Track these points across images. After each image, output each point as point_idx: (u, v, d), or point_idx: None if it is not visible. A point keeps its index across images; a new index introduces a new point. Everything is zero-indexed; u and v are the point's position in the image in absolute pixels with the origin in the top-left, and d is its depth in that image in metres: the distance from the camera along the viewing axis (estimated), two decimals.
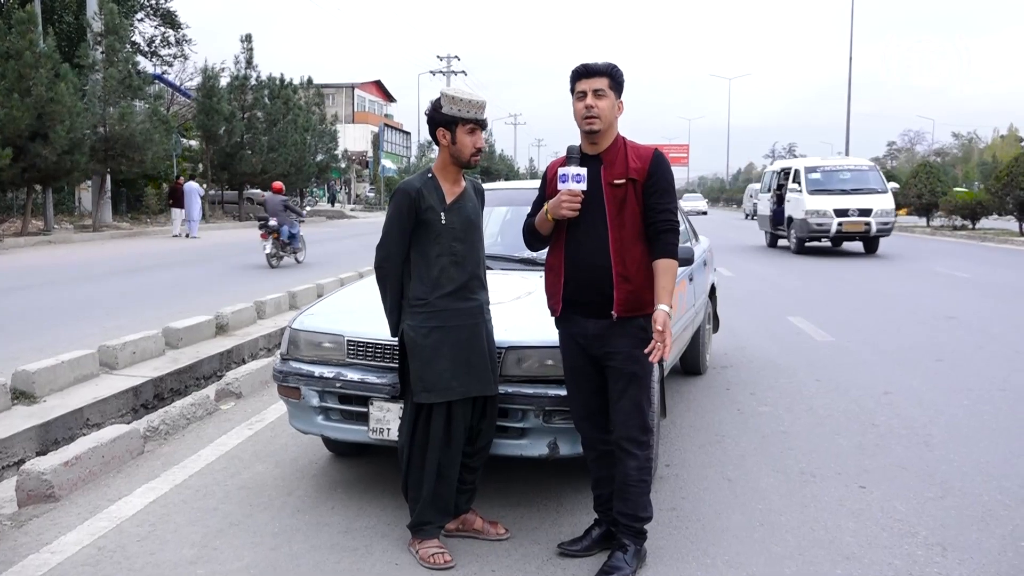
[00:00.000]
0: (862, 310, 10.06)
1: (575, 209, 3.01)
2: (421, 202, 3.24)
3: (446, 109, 3.23)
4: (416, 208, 3.24)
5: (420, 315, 3.25)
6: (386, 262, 3.29)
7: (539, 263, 4.66)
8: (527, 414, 3.50)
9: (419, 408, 3.25)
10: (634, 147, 3.13)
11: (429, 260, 3.26)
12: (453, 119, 3.23)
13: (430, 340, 3.22)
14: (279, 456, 4.49)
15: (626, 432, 3.08)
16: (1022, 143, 71.88)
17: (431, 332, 3.23)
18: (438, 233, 3.25)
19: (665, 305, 2.94)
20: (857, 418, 5.22)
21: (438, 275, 3.25)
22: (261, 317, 8.99)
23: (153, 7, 34.63)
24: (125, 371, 6.45)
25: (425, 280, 3.26)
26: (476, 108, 3.22)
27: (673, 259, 3.03)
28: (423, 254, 3.27)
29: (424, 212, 3.24)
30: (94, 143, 21.55)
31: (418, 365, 3.22)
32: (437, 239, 3.25)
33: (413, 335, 3.24)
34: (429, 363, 3.21)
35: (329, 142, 39.51)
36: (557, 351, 3.43)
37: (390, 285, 3.30)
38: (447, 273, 3.26)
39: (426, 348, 3.22)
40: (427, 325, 3.23)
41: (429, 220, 3.24)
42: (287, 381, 3.83)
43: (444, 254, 3.25)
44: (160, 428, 4.82)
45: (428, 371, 3.21)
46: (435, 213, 3.25)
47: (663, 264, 3.01)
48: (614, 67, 3.08)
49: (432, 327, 3.23)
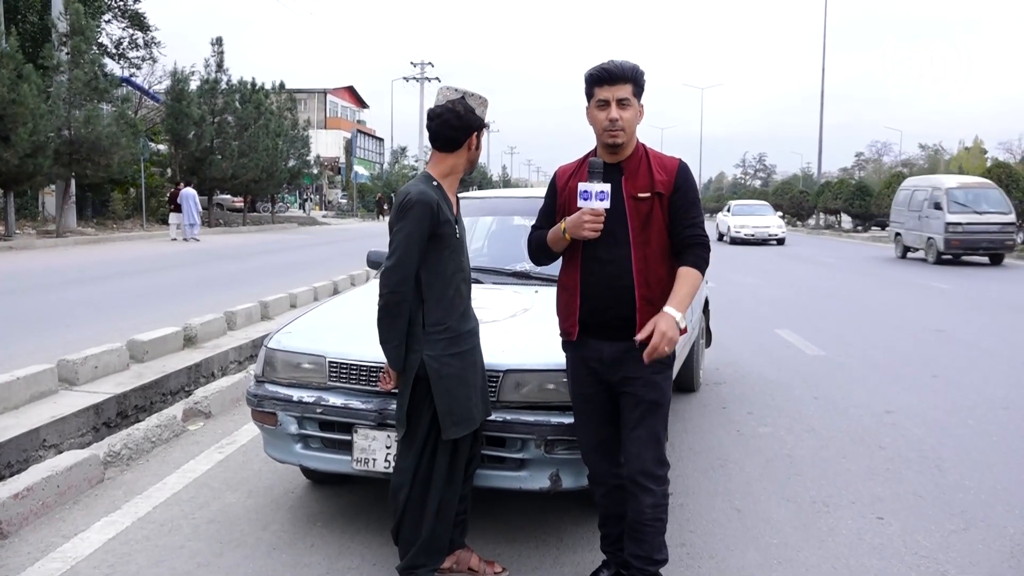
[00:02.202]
0: (849, 322, 9.90)
1: (598, 230, 2.71)
2: (439, 214, 2.90)
3: (479, 112, 2.97)
4: (434, 221, 2.89)
5: (440, 342, 2.90)
6: (402, 286, 2.85)
7: (533, 276, 4.41)
8: (527, 444, 3.20)
9: (425, 442, 2.94)
10: (657, 157, 2.85)
11: (446, 279, 2.94)
12: (482, 124, 2.98)
13: (454, 369, 2.92)
14: (252, 484, 4.15)
15: (640, 466, 2.79)
16: (986, 154, 73.16)
17: (454, 360, 2.92)
18: (453, 248, 2.95)
19: (675, 310, 2.65)
20: (862, 440, 4.99)
21: (454, 295, 2.95)
22: (232, 328, 8.61)
23: (121, 8, 33.94)
24: (86, 387, 6.06)
25: (443, 301, 2.93)
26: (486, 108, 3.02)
27: (699, 271, 2.76)
28: (439, 273, 2.93)
29: (442, 226, 2.90)
30: (58, 146, 20.88)
31: (447, 399, 2.89)
32: (452, 255, 2.95)
33: (437, 366, 2.89)
34: (456, 394, 2.91)
35: (301, 148, 38.94)
36: (559, 375, 3.16)
37: (403, 311, 2.88)
38: (460, 292, 2.98)
39: (452, 379, 2.90)
40: (449, 352, 2.92)
41: (445, 234, 2.91)
42: (262, 406, 3.50)
43: (458, 271, 2.97)
44: (122, 453, 4.46)
45: (457, 403, 2.91)
46: (451, 226, 2.94)
47: (687, 271, 2.74)
48: (638, 70, 2.78)
49: (454, 354, 2.92)
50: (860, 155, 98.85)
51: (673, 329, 2.63)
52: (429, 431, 2.92)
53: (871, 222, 38.61)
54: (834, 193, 40.28)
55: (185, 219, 23.69)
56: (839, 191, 39.97)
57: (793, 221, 48.82)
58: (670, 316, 2.65)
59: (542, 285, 4.25)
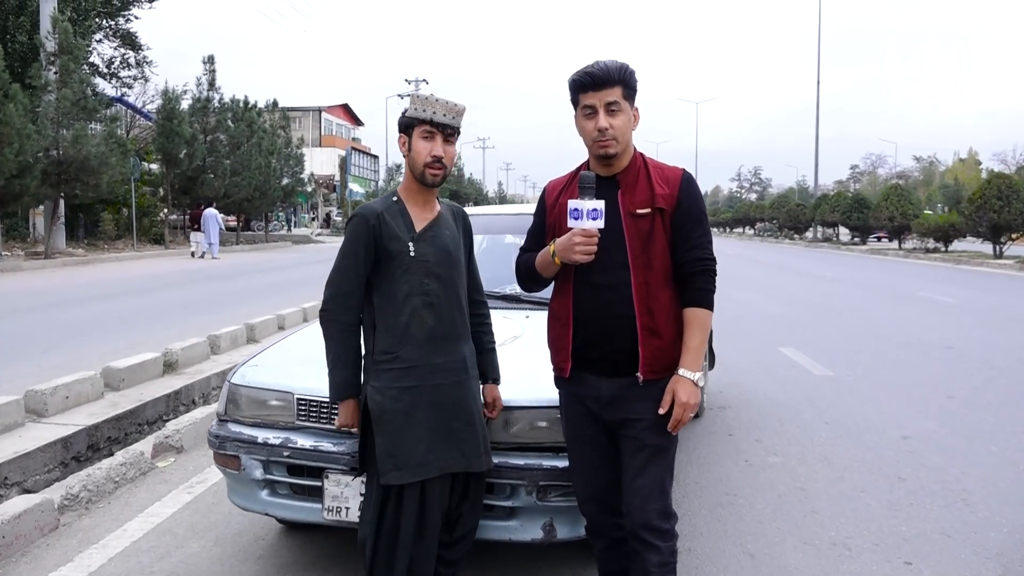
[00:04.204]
0: (854, 339, 9.57)
1: (591, 253, 2.37)
2: (383, 229, 2.62)
3: (408, 111, 2.63)
4: (376, 237, 2.62)
5: (388, 373, 2.60)
6: (333, 302, 2.66)
7: (523, 300, 4.08)
8: (517, 490, 2.86)
9: (387, 490, 2.60)
10: (657, 167, 2.51)
11: (396, 302, 2.62)
12: (411, 121, 2.62)
13: (401, 404, 2.58)
14: (220, 530, 3.80)
15: (644, 519, 2.44)
16: (981, 165, 73.25)
17: (402, 394, 2.59)
18: (406, 268, 2.62)
19: (690, 371, 2.35)
20: (879, 470, 4.65)
21: (408, 320, 2.62)
22: (215, 352, 8.26)
23: (113, 28, 33.72)
24: (55, 419, 5.71)
25: (392, 328, 2.62)
26: (433, 107, 2.58)
27: (707, 309, 2.43)
28: (389, 296, 2.63)
29: (388, 242, 2.61)
30: (46, 166, 20.56)
31: (387, 437, 2.57)
32: (405, 276, 2.62)
33: (380, 399, 2.59)
34: (400, 433, 2.57)
35: (295, 166, 38.67)
36: (552, 411, 2.83)
37: (337, 332, 2.66)
38: (419, 318, 2.62)
39: (396, 414, 2.58)
40: (397, 385, 2.59)
41: (394, 252, 2.62)
42: (224, 448, 3.15)
43: (415, 294, 2.62)
44: (80, 496, 4.11)
45: (399, 444, 2.57)
46: (401, 243, 2.62)
47: (694, 315, 2.41)
48: (626, 70, 2.44)
49: (403, 387, 2.59)
50: (855, 167, 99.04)
51: (694, 395, 2.33)
52: None
53: (869, 235, 38.43)
54: (831, 206, 40.11)
55: (205, 239, 25.21)
56: (837, 204, 39.80)
57: (790, 234, 48.64)
58: (687, 381, 2.35)
59: (533, 309, 3.93)
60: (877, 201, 36.03)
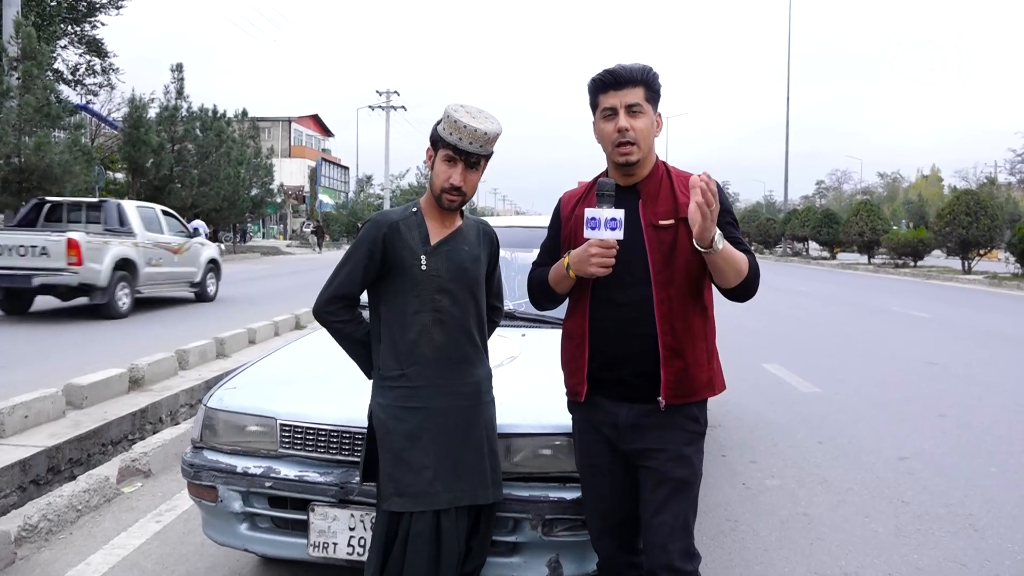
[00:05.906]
0: (837, 355, 9.49)
1: (608, 265, 2.16)
2: (396, 239, 2.43)
3: (438, 126, 2.43)
4: (387, 246, 2.44)
5: (394, 391, 2.42)
6: (331, 304, 2.51)
7: (518, 316, 3.87)
8: (520, 524, 2.65)
9: (394, 521, 2.37)
10: (680, 175, 2.32)
11: (405, 318, 2.43)
12: (437, 139, 2.42)
13: (405, 425, 2.39)
14: (191, 563, 3.53)
15: (665, 559, 2.24)
16: (943, 182, 74.64)
17: (407, 415, 2.39)
18: (417, 282, 2.43)
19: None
20: (881, 493, 4.50)
21: (416, 338, 2.42)
22: (184, 368, 7.93)
23: (78, 34, 33.10)
24: (13, 440, 5.38)
25: (400, 345, 2.43)
26: (460, 132, 2.34)
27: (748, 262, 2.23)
28: (398, 310, 2.45)
29: (399, 251, 2.43)
30: (7, 174, 20.01)
31: (389, 458, 2.38)
32: (416, 290, 2.43)
33: (384, 418, 2.41)
34: (402, 457, 2.37)
35: (264, 176, 38.16)
36: (557, 438, 2.63)
37: (337, 332, 2.56)
38: (428, 335, 2.43)
39: (399, 436, 2.38)
40: (402, 405, 2.40)
41: (405, 264, 2.43)
42: (200, 478, 2.90)
43: (424, 310, 2.43)
44: (40, 526, 3.81)
45: (401, 468, 2.37)
46: (413, 255, 2.43)
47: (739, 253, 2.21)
48: (649, 71, 2.27)
49: (409, 408, 2.40)
50: (821, 183, 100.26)
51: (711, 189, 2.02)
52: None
53: (839, 249, 38.78)
54: (801, 220, 40.45)
55: None
56: (806, 218, 40.15)
57: (760, 248, 49.01)
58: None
59: (529, 327, 3.73)
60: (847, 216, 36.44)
